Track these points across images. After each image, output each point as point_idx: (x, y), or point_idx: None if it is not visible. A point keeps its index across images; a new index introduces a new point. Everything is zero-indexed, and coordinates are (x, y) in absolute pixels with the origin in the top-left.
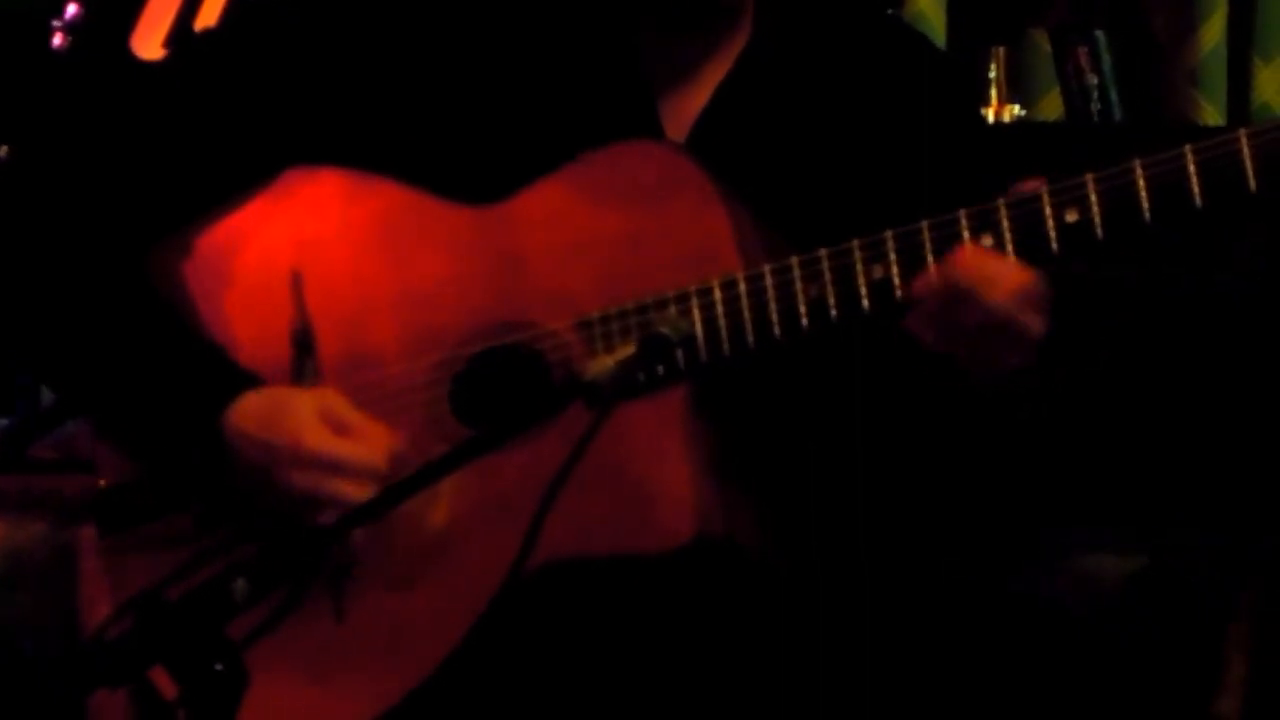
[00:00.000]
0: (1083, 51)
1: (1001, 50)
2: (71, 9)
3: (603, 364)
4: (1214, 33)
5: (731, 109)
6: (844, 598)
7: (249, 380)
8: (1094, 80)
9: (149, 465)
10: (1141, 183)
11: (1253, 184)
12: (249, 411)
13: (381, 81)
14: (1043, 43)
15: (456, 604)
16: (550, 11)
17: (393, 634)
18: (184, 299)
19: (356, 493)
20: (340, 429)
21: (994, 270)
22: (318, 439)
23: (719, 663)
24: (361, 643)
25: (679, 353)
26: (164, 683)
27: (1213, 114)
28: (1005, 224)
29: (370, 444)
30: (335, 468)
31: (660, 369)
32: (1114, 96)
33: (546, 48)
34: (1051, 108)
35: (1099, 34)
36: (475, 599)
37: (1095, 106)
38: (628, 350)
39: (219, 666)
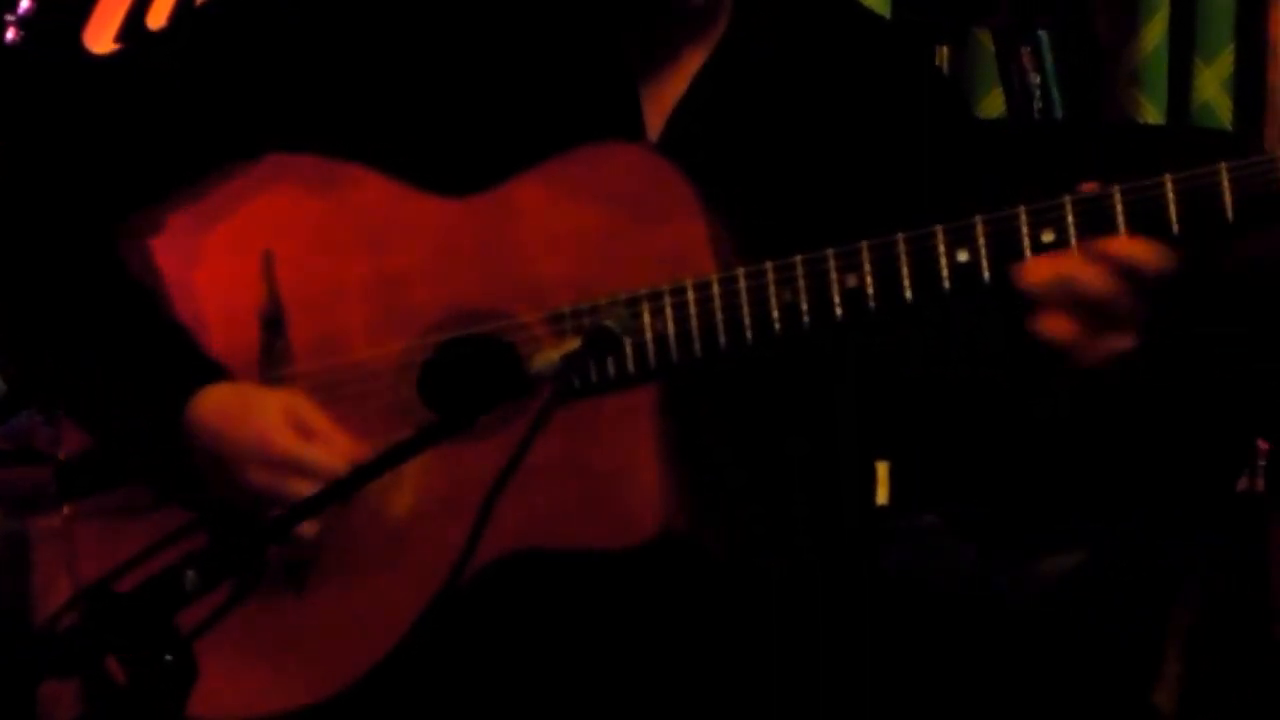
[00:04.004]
0: (1025, 51)
1: (945, 49)
2: (24, 3)
3: (547, 357)
4: (1155, 33)
5: (708, 100)
6: (808, 599)
7: (215, 371)
8: (1036, 80)
9: (109, 449)
10: (1119, 207)
11: (1230, 215)
12: (214, 405)
13: (359, 69)
14: (986, 42)
15: (409, 593)
16: (533, 5)
17: (348, 619)
18: (156, 277)
19: None
20: (305, 432)
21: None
22: (283, 439)
23: (679, 660)
24: (318, 626)
25: (651, 351)
26: (117, 672)
27: (1154, 114)
28: (981, 240)
29: (334, 449)
30: (298, 469)
31: (611, 365)
32: (1056, 96)
33: (528, 36)
34: (994, 107)
35: (1042, 34)
36: (428, 589)
37: (1038, 106)
38: (573, 344)
39: (168, 657)
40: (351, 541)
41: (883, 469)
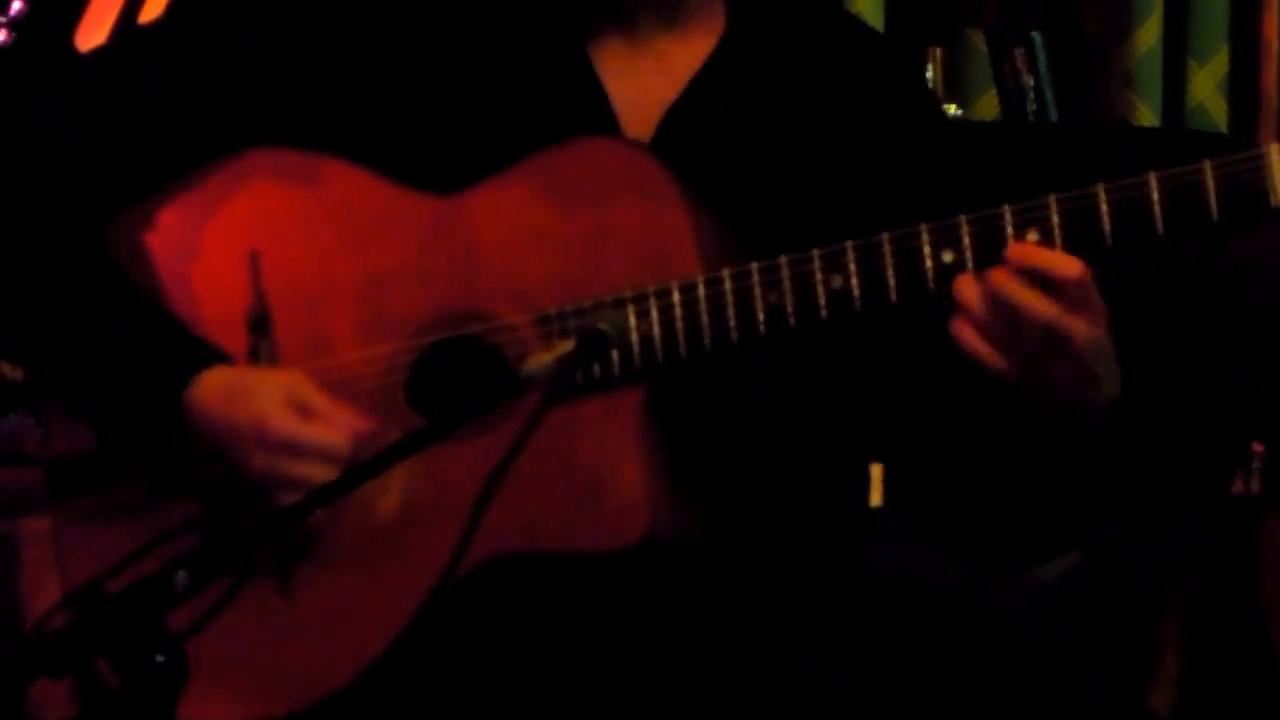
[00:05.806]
0: (1019, 53)
1: (938, 51)
2: (15, 5)
3: (540, 359)
4: (1149, 35)
5: (701, 105)
6: (796, 600)
7: (214, 356)
8: (1030, 81)
9: (109, 437)
10: (1104, 206)
11: (1215, 212)
12: (213, 388)
13: (339, 69)
14: (979, 44)
15: (399, 595)
16: (509, 5)
17: (338, 620)
18: (147, 275)
19: (319, 475)
20: (305, 412)
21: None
22: (282, 420)
23: (665, 661)
24: (307, 626)
25: (637, 353)
26: (108, 673)
27: (1147, 115)
28: (966, 240)
29: (334, 427)
30: (298, 450)
31: (597, 366)
32: (1049, 97)
33: (504, 41)
34: (988, 108)
35: (1035, 35)
36: (416, 591)
37: (1031, 107)
38: (566, 346)
39: (160, 658)
40: (339, 545)
41: (876, 470)
